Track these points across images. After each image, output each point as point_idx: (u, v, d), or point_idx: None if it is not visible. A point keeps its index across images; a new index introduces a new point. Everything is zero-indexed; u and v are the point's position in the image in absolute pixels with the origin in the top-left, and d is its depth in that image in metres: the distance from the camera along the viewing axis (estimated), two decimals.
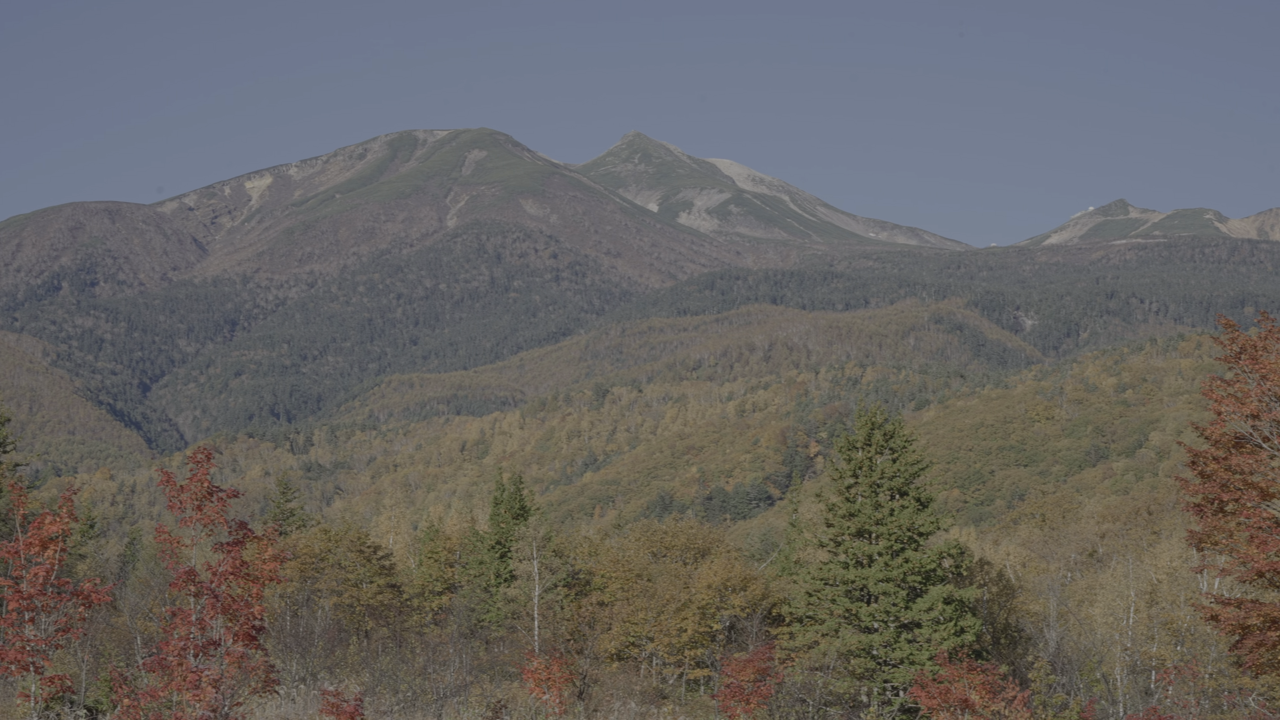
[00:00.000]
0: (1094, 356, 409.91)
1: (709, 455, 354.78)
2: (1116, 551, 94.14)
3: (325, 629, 70.71)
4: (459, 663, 64.97)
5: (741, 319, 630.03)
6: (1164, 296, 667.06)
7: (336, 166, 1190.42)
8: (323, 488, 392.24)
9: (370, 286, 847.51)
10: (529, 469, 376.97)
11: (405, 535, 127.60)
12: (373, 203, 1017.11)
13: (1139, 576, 67.58)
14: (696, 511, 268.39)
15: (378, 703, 48.65)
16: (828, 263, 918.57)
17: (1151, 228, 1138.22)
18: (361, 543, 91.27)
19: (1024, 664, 65.33)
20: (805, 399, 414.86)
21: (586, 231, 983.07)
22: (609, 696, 60.62)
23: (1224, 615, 30.63)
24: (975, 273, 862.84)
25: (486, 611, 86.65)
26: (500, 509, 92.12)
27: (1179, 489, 32.25)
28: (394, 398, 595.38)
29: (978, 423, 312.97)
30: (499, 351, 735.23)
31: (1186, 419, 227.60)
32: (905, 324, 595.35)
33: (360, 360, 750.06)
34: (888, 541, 58.11)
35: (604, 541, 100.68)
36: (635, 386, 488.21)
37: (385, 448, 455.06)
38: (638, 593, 77.96)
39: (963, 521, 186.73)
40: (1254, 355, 30.42)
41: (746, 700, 38.75)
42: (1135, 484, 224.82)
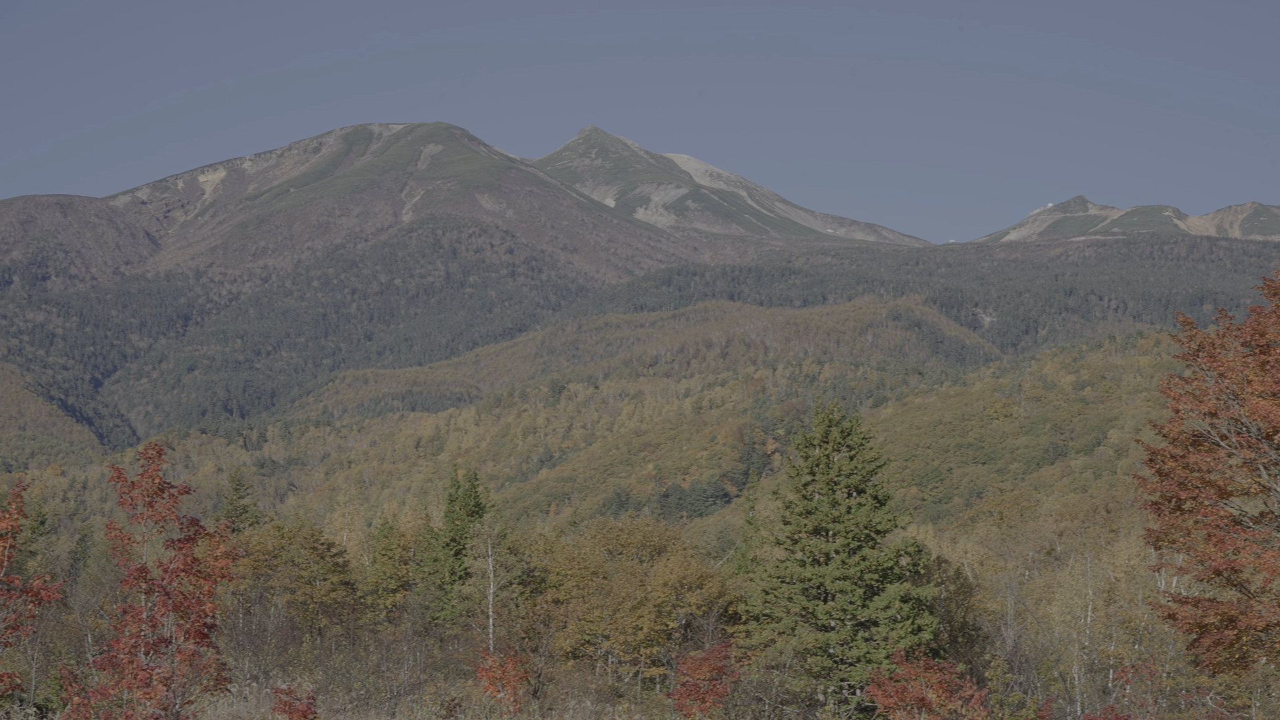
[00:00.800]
0: (1053, 354, 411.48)
1: (666, 452, 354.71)
2: (1075, 550, 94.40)
3: (278, 627, 70.13)
4: (413, 661, 64.61)
5: (699, 315, 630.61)
6: (1123, 294, 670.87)
7: (291, 160, 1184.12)
8: (276, 484, 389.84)
9: (325, 281, 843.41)
10: (484, 466, 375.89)
11: (359, 532, 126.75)
12: (327, 197, 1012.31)
13: (1097, 575, 67.73)
14: (653, 509, 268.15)
15: (331, 701, 48.21)
16: (785, 259, 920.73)
17: (1110, 224, 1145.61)
18: (315, 540, 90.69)
19: (981, 663, 65.37)
20: (762, 396, 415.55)
21: (543, 227, 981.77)
22: (564, 695, 60.29)
23: (1181, 614, 30.56)
24: (934, 269, 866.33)
25: (441, 609, 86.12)
26: (455, 506, 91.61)
27: (1137, 487, 32.17)
28: (348, 394, 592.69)
29: (936, 420, 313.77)
30: (454, 347, 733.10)
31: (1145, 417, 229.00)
32: (863, 321, 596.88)
33: (314, 356, 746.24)
34: (845, 539, 57.96)
35: (560, 539, 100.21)
36: (592, 383, 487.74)
37: (339, 444, 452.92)
38: (593, 590, 77.63)
39: (920, 519, 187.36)
40: (1212, 353, 30.37)
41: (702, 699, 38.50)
42: (1093, 482, 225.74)
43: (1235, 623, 29.54)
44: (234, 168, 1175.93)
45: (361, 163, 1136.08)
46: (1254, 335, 29.58)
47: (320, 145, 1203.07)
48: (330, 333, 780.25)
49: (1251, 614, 29.20)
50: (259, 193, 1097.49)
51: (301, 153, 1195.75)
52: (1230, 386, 29.29)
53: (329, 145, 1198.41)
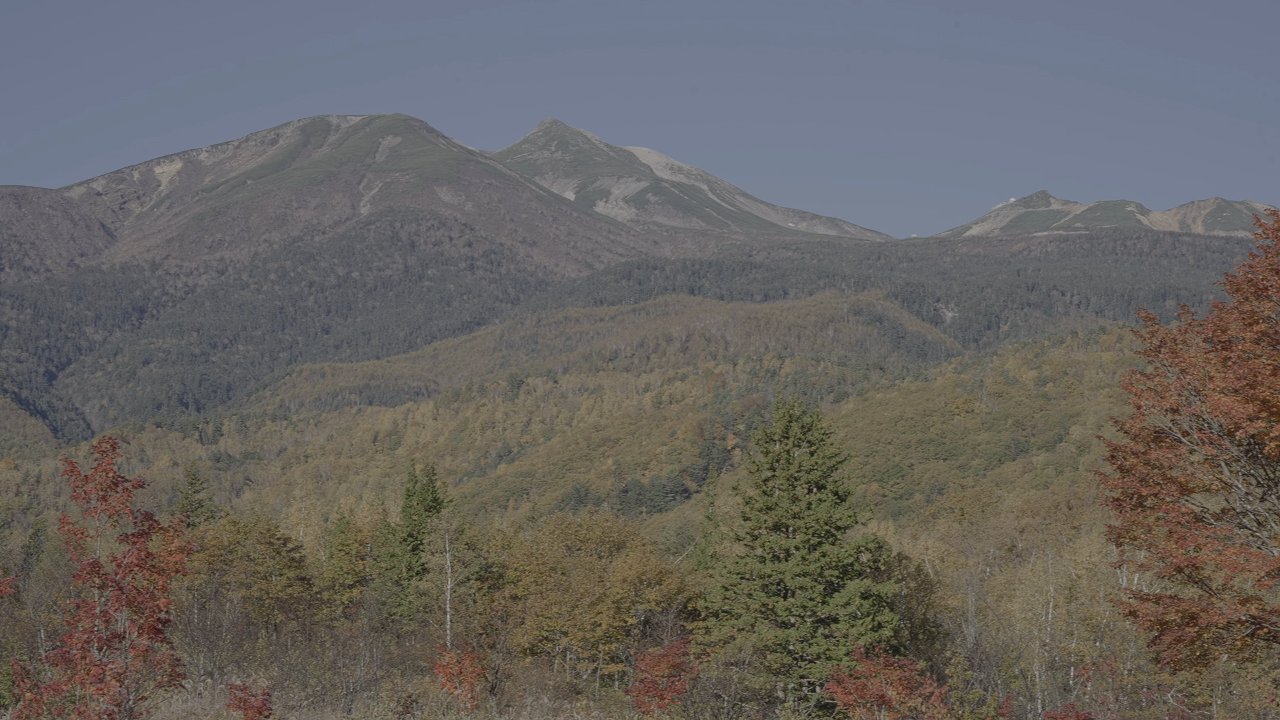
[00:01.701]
0: (1014, 349, 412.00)
1: (625, 447, 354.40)
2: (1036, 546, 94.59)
3: (233, 622, 69.62)
4: (369, 657, 64.28)
5: (659, 309, 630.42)
6: (1085, 289, 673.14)
7: (248, 152, 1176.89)
8: (232, 479, 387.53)
9: (282, 274, 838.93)
10: (442, 460, 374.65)
11: (316, 527, 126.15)
12: (285, 189, 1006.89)
13: (1058, 572, 67.79)
14: (612, 504, 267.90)
15: (286, 697, 47.71)
16: (746, 253, 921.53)
17: (1073, 220, 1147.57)
18: (271, 535, 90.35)
19: (942, 660, 65.32)
20: (723, 391, 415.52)
21: (502, 220, 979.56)
22: (522, 691, 59.97)
23: (1143, 611, 30.41)
24: (895, 264, 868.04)
25: (398, 605, 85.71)
26: (412, 501, 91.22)
27: (1099, 483, 32.02)
28: (305, 387, 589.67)
29: (897, 416, 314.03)
30: (412, 341, 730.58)
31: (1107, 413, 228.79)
32: (824, 315, 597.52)
33: (271, 349, 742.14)
34: (805, 535, 57.77)
35: (518, 534, 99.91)
36: (551, 377, 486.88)
37: (296, 438, 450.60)
38: (552, 586, 77.34)
39: (881, 515, 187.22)
40: (1174, 349, 30.22)
41: (661, 695, 38.21)
42: (1055, 478, 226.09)
43: (1196, 620, 29.41)
44: (190, 159, 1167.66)
45: (319, 155, 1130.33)
46: (1216, 331, 29.43)
47: (278, 137, 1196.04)
48: (287, 326, 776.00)
49: (1213, 611, 29.07)
50: (215, 184, 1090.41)
51: (259, 144, 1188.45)
52: (1192, 383, 29.14)
53: (286, 137, 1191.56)
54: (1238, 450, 28.81)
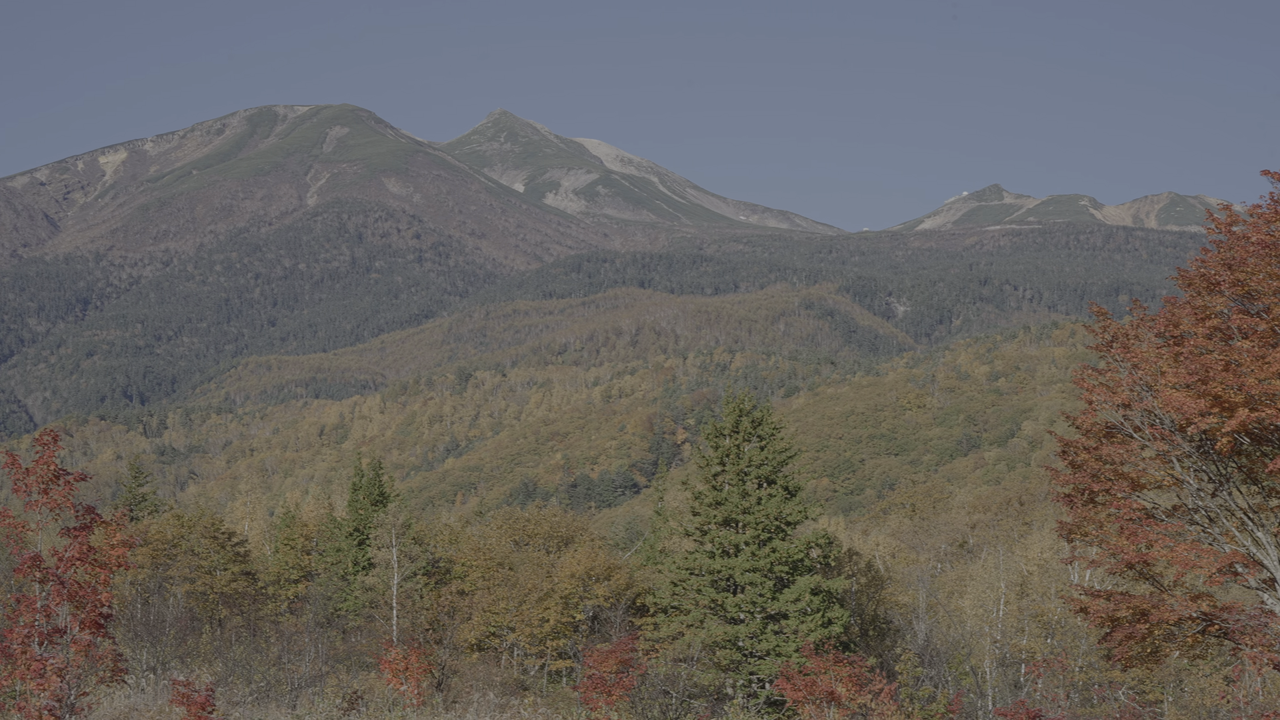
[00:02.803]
0: (967, 344, 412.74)
1: (574, 442, 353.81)
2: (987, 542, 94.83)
3: (177, 617, 68.80)
4: (315, 652, 63.73)
5: (609, 302, 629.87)
6: (1038, 283, 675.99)
7: (194, 142, 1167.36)
8: (177, 472, 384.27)
9: (227, 265, 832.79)
10: (389, 454, 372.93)
11: (261, 521, 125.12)
12: (231, 179, 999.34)
13: (1009, 568, 67.88)
14: (561, 499, 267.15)
15: (230, 693, 47.05)
16: (697, 246, 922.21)
17: (1026, 214, 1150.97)
18: (216, 529, 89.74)
19: (892, 656, 65.27)
20: (673, 385, 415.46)
21: (450, 211, 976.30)
22: (468, 688, 59.56)
23: (1094, 607, 30.29)
24: (847, 257, 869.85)
25: (344, 600, 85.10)
26: (359, 495, 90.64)
27: (1050, 479, 31.92)
28: (251, 380, 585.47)
29: (848, 410, 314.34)
30: (359, 334, 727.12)
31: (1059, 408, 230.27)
32: (775, 309, 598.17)
33: (216, 341, 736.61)
34: (755, 531, 57.52)
35: (465, 529, 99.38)
36: (499, 371, 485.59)
37: (241, 431, 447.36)
38: (499, 582, 76.94)
39: (832, 511, 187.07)
40: (1126, 344, 30.09)
41: (609, 692, 37.79)
42: (1007, 474, 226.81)
43: (1147, 616, 29.32)
44: (135, 149, 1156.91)
45: (266, 145, 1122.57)
46: (1168, 326, 29.33)
47: (224, 127, 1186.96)
48: (233, 318, 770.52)
49: (1164, 608, 28.99)
50: (161, 175, 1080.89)
51: (205, 134, 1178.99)
52: (1144, 378, 29.00)
53: (233, 127, 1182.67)
54: (1189, 446, 28.71)
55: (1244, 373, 26.54)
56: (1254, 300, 27.98)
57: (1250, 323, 27.35)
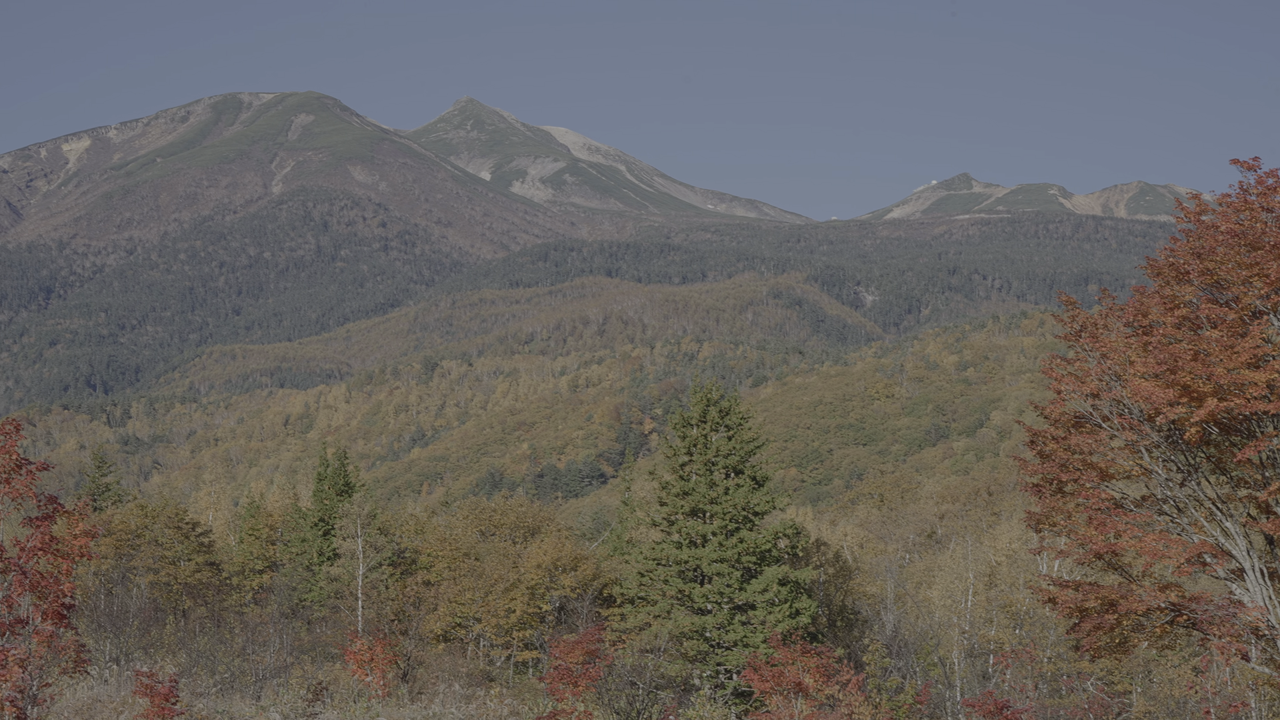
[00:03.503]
0: (935, 334, 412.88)
1: (541, 431, 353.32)
2: (956, 533, 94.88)
3: (141, 608, 68.28)
4: (279, 643, 63.39)
5: (576, 291, 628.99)
6: (1007, 273, 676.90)
7: (158, 129, 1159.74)
8: (140, 462, 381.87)
9: (192, 254, 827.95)
10: (355, 444, 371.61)
11: (225, 512, 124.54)
12: (195, 167, 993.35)
13: (978, 558, 67.92)
14: (527, 489, 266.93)
15: (194, 684, 46.72)
16: (664, 235, 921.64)
17: (995, 202, 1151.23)
18: (180, 519, 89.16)
19: (860, 647, 65.22)
20: (640, 374, 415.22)
21: (417, 200, 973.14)
22: (434, 679, 59.30)
23: (1062, 598, 30.23)
24: (815, 246, 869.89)
25: (309, 591, 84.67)
26: (324, 485, 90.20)
27: (1018, 469, 31.85)
28: (215, 369, 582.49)
29: (816, 400, 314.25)
30: (325, 323, 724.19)
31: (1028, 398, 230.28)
32: (743, 298, 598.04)
33: (181, 330, 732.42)
34: (722, 521, 57.35)
35: (431, 519, 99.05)
36: (465, 360, 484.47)
37: (206, 421, 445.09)
38: (465, 572, 76.66)
39: (800, 501, 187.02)
40: (1094, 334, 30.02)
41: (575, 683, 37.57)
42: (975, 464, 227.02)
43: (1116, 607, 29.26)
44: (99, 136, 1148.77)
45: (230, 133, 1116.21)
46: (1137, 316, 29.26)
47: (188, 114, 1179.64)
48: (197, 307, 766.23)
49: (1132, 598, 28.94)
50: (125, 162, 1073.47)
51: (169, 122, 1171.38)
52: (1113, 367, 28.91)
53: (197, 114, 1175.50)
54: (1158, 436, 28.65)
55: (1213, 362, 26.49)
56: (1223, 289, 27.93)
57: (1219, 312, 27.31)
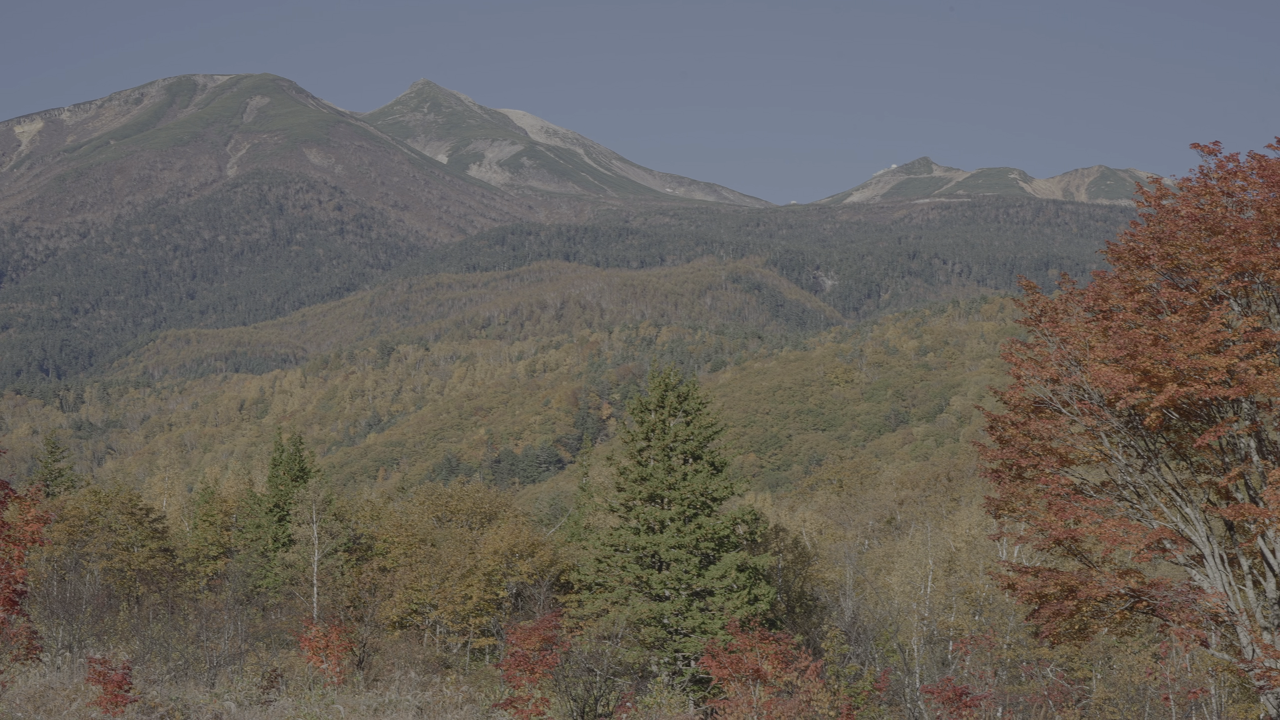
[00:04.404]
0: (895, 318, 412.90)
1: (498, 417, 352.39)
2: (915, 519, 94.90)
3: (94, 594, 67.68)
4: (234, 630, 63.03)
5: (533, 276, 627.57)
6: (967, 257, 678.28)
7: (111, 111, 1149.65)
8: (94, 447, 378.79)
9: (146, 237, 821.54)
10: (310, 429, 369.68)
11: (180, 497, 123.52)
12: (149, 150, 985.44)
13: (937, 544, 68.00)
14: (484, 475, 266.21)
15: (147, 671, 46.15)
16: (623, 219, 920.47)
17: (955, 187, 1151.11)
18: (133, 505, 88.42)
19: (819, 633, 65.20)
20: (598, 359, 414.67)
21: (373, 183, 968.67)
22: (390, 665, 58.99)
23: (1021, 584, 30.13)
24: (774, 231, 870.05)
25: (263, 577, 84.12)
26: (279, 470, 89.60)
27: (978, 455, 31.74)
28: (170, 354, 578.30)
29: (775, 385, 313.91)
30: (280, 307, 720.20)
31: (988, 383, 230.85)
32: (702, 283, 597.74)
33: (135, 314, 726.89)
34: (680, 507, 57.12)
35: (387, 505, 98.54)
36: (422, 345, 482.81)
37: (160, 406, 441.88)
38: (421, 558, 76.34)
39: (758, 487, 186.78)
40: (1054, 318, 29.91)
41: (532, 670, 37.26)
42: (935, 449, 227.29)
43: (1075, 593, 29.18)
44: (52, 119, 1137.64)
45: (185, 115, 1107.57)
46: (1097, 300, 29.15)
47: (142, 96, 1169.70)
48: (151, 291, 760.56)
49: (1092, 584, 28.86)
50: (78, 145, 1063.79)
51: (123, 104, 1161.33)
52: (1073, 352, 28.80)
53: (151, 96, 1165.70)
54: (1118, 421, 28.57)
55: (1173, 347, 26.41)
56: (1183, 274, 27.88)
57: (1179, 297, 27.24)
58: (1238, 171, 28.06)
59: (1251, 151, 28.11)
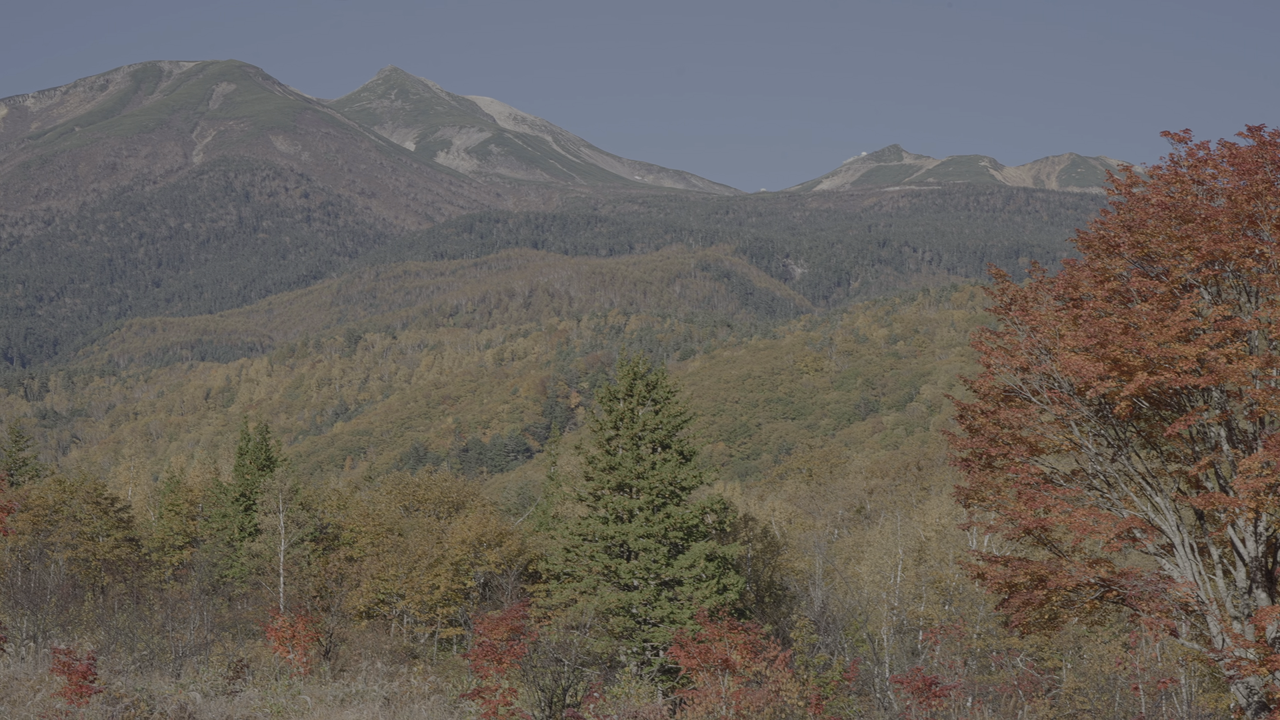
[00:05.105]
0: (865, 307, 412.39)
1: (466, 405, 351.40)
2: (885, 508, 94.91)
3: (58, 584, 67.31)
4: (199, 620, 62.71)
5: (501, 264, 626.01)
6: (937, 245, 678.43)
7: (76, 98, 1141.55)
8: (59, 436, 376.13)
9: (111, 225, 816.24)
10: (277, 418, 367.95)
11: (145, 487, 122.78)
12: (114, 137, 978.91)
13: (907, 534, 68.00)
14: (452, 464, 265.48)
15: (112, 662, 45.80)
16: (591, 206, 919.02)
17: (926, 174, 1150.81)
18: (98, 494, 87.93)
19: (788, 623, 65.12)
20: (566, 348, 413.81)
21: (340, 170, 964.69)
22: (357, 656, 58.74)
23: (991, 573, 30.04)
24: (744, 218, 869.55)
25: (230, 567, 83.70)
26: (245, 460, 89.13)
27: (948, 444, 31.62)
28: (135, 342, 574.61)
29: (744, 374, 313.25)
30: (246, 295, 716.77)
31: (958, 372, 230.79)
32: (671, 271, 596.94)
33: (100, 302, 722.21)
34: (649, 496, 56.92)
35: (354, 494, 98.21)
36: (389, 333, 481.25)
37: (125, 395, 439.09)
38: (389, 548, 76.04)
39: (728, 476, 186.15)
40: (1024, 307, 29.81)
41: (499, 660, 37.04)
42: (905, 438, 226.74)
43: (1045, 582, 29.12)
44: (15, 105, 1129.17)
45: (150, 101, 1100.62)
46: (1067, 288, 29.07)
47: (107, 83, 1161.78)
48: (117, 278, 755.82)
49: (1062, 574, 28.80)
50: (42, 131, 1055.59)
51: (88, 90, 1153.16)
52: (1043, 341, 28.70)
53: (116, 83, 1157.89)
54: (1088, 410, 28.48)
55: (1143, 336, 26.32)
56: (1153, 263, 27.80)
57: (1150, 285, 27.15)
58: (1208, 159, 28.00)
59: (1222, 139, 28.06)
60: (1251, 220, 26.69)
